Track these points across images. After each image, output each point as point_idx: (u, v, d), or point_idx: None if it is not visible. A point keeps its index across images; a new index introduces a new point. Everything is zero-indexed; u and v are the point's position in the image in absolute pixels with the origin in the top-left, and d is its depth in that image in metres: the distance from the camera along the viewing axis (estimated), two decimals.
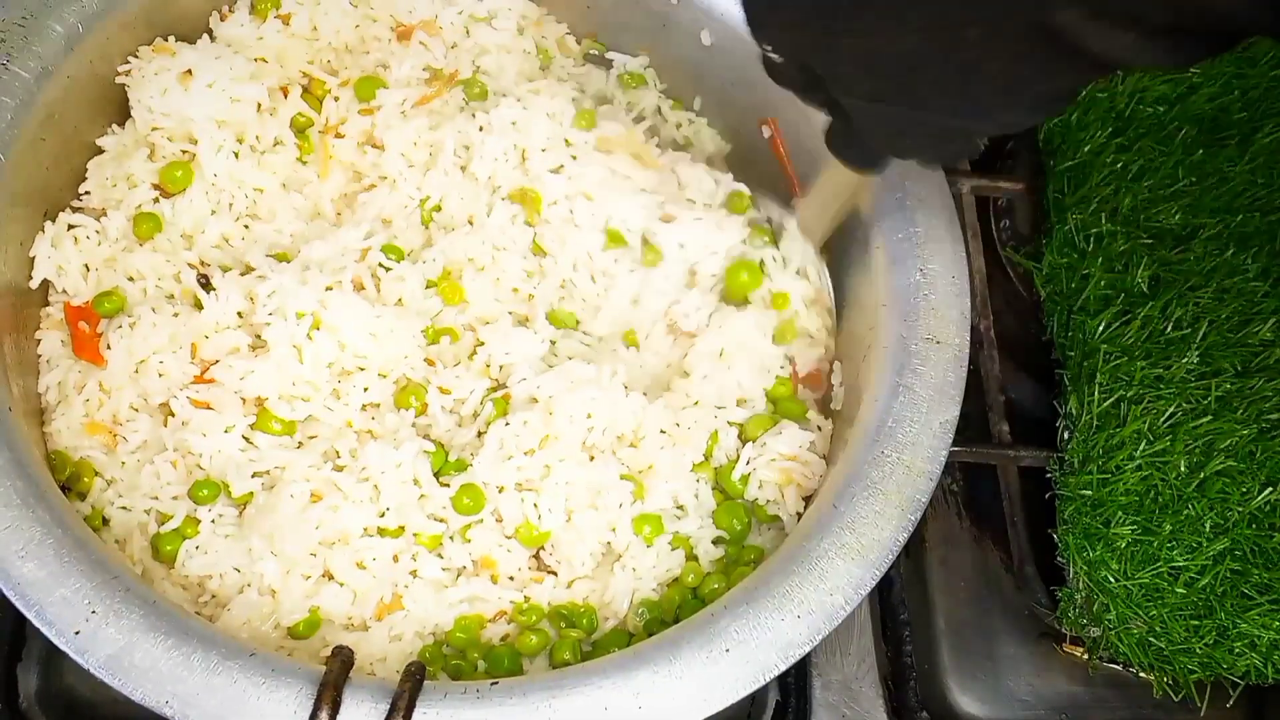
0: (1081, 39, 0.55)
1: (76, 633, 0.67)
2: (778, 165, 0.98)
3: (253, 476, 0.81)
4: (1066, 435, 0.95)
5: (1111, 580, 0.90)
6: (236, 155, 0.89)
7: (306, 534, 0.78)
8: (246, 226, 0.90)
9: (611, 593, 0.82)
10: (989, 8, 0.57)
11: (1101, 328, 0.96)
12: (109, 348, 0.83)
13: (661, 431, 0.87)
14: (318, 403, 0.84)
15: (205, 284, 0.86)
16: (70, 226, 0.87)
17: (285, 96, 0.92)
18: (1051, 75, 0.59)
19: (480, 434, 0.85)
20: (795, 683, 0.97)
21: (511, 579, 0.83)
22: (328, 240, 0.88)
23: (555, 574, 0.83)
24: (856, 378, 0.88)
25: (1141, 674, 0.92)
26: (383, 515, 0.81)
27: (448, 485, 0.83)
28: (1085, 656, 0.95)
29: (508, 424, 0.84)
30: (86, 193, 0.89)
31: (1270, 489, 0.89)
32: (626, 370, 0.88)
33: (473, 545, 0.82)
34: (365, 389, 0.85)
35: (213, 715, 0.66)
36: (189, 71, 0.87)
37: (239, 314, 0.84)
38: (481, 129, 0.93)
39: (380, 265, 0.88)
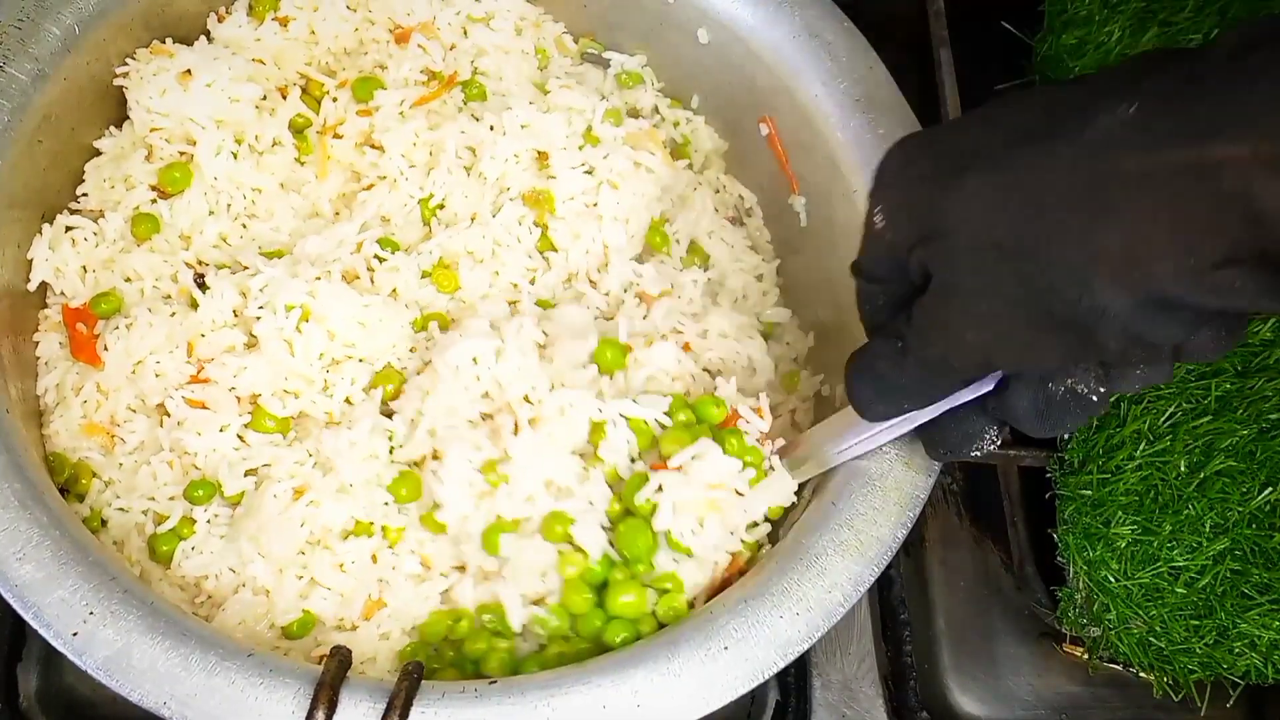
0: (1248, 186, 0.48)
1: (74, 634, 0.67)
2: (776, 163, 0.98)
3: (245, 475, 0.81)
4: (1066, 435, 0.94)
5: (1111, 580, 0.89)
6: (235, 156, 0.89)
7: (292, 532, 0.78)
8: (244, 226, 0.89)
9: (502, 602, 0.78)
10: (1152, 137, 0.51)
11: None
12: (106, 349, 0.83)
13: (526, 399, 0.80)
14: (307, 398, 0.83)
15: (201, 283, 0.85)
16: (68, 229, 0.87)
17: (284, 98, 0.92)
18: (1201, 237, 0.51)
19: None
20: (795, 682, 0.97)
21: (444, 575, 0.80)
22: (323, 236, 0.87)
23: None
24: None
25: (1141, 674, 0.92)
26: (345, 490, 0.79)
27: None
28: (1085, 656, 0.95)
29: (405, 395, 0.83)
30: (84, 195, 0.89)
31: (1270, 489, 0.88)
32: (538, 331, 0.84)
33: (409, 536, 0.80)
34: (353, 380, 0.84)
35: (211, 716, 0.66)
36: (188, 72, 0.87)
37: (235, 312, 0.84)
38: (492, 128, 0.93)
39: (375, 256, 0.88)
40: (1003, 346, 0.60)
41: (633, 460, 0.81)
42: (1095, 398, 0.61)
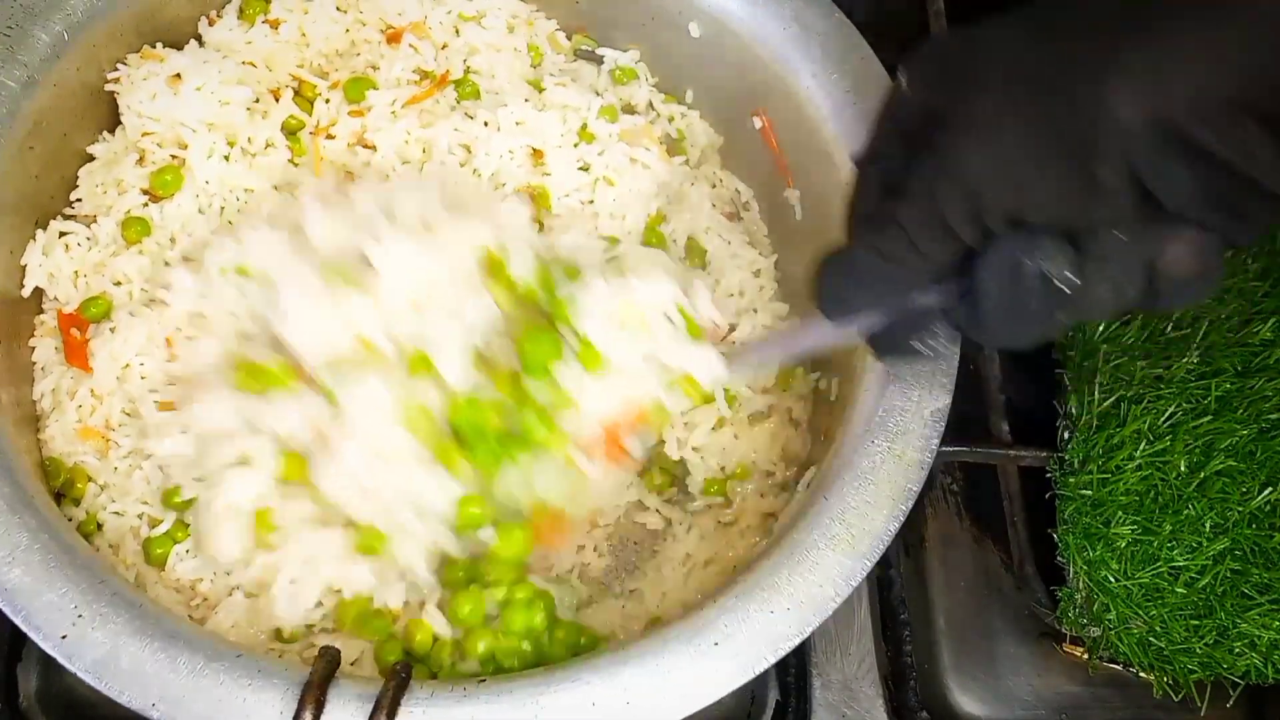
0: None
1: (63, 637, 0.67)
2: (771, 157, 0.97)
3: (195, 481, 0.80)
4: (1066, 435, 0.93)
5: (1111, 580, 0.88)
6: (227, 159, 0.89)
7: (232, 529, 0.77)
8: (231, 224, 0.89)
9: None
10: None
11: (1101, 327, 0.94)
12: (94, 354, 0.83)
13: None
14: None
15: None
16: (62, 234, 0.87)
17: (277, 100, 0.92)
18: (1228, 61, 0.53)
19: None
20: (795, 682, 0.97)
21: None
22: None
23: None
24: (846, 366, 0.86)
25: (1141, 674, 0.91)
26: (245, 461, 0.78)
27: None
28: (1085, 656, 0.94)
29: None
30: (78, 200, 0.89)
31: (1270, 489, 0.87)
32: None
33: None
34: None
35: (199, 717, 0.66)
36: (178, 76, 0.87)
37: None
38: (486, 124, 0.93)
39: None
40: (1001, 181, 0.58)
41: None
42: (1067, 289, 0.58)
